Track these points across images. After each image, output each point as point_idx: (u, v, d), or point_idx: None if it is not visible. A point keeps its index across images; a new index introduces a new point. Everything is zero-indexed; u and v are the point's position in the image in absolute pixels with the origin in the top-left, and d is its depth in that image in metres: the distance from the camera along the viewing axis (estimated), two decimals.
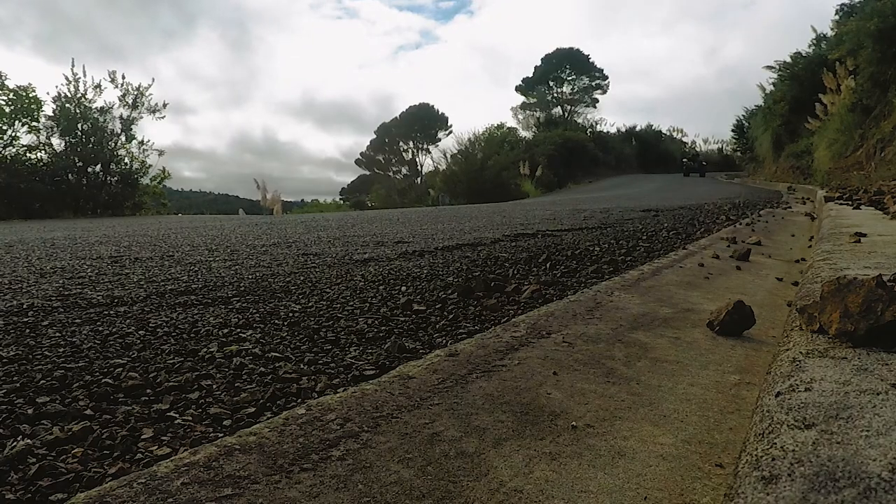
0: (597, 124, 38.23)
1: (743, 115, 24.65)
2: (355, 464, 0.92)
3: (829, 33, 15.26)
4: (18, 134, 14.28)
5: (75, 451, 1.03)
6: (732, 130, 27.07)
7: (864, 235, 2.71)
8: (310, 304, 2.22)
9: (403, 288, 2.51)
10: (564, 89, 40.74)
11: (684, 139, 38.61)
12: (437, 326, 1.86)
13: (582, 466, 0.96)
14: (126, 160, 15.70)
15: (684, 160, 28.65)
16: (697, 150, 35.84)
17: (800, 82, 15.61)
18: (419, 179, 39.26)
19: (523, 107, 40.73)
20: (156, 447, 1.04)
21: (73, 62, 20.81)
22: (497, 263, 3.15)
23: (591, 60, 40.77)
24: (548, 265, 3.01)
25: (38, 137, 14.51)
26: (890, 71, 10.20)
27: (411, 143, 44.06)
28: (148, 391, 1.32)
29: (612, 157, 32.71)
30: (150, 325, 1.94)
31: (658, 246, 3.74)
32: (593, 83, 40.83)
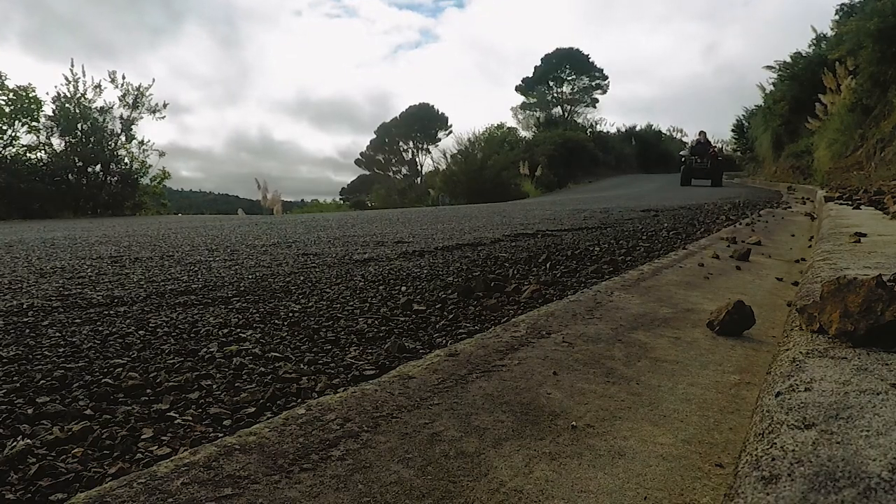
0: (597, 124, 38.12)
1: (743, 115, 24.60)
2: (355, 464, 0.92)
3: (829, 33, 15.28)
4: (18, 134, 14.28)
5: (75, 451, 1.03)
6: (732, 130, 26.90)
7: (864, 235, 2.71)
8: (310, 304, 2.22)
9: (403, 288, 2.51)
10: (564, 89, 40.72)
11: (684, 139, 38.37)
12: (437, 326, 1.86)
13: (582, 466, 0.96)
14: (126, 160, 15.71)
15: (682, 155, 18.50)
16: (710, 138, 19.22)
17: (800, 82, 15.62)
18: (419, 179, 39.22)
19: (523, 107, 40.72)
20: (156, 447, 1.04)
21: (72, 62, 20.70)
22: (497, 263, 3.15)
23: (590, 60, 40.77)
24: (548, 265, 3.01)
25: (37, 137, 14.49)
26: (890, 71, 10.20)
27: (411, 143, 44.04)
28: (148, 391, 1.32)
29: (612, 157, 32.66)
30: (150, 325, 1.94)
31: (658, 246, 3.73)
32: (593, 83, 40.81)
